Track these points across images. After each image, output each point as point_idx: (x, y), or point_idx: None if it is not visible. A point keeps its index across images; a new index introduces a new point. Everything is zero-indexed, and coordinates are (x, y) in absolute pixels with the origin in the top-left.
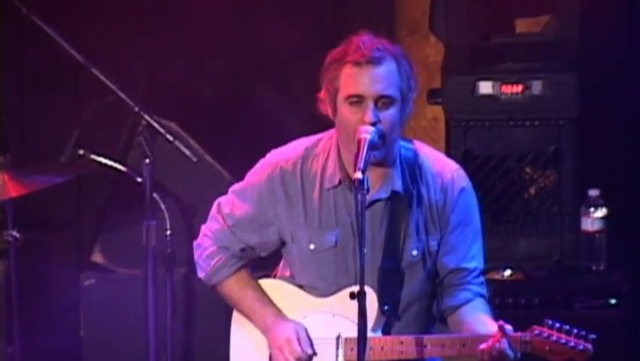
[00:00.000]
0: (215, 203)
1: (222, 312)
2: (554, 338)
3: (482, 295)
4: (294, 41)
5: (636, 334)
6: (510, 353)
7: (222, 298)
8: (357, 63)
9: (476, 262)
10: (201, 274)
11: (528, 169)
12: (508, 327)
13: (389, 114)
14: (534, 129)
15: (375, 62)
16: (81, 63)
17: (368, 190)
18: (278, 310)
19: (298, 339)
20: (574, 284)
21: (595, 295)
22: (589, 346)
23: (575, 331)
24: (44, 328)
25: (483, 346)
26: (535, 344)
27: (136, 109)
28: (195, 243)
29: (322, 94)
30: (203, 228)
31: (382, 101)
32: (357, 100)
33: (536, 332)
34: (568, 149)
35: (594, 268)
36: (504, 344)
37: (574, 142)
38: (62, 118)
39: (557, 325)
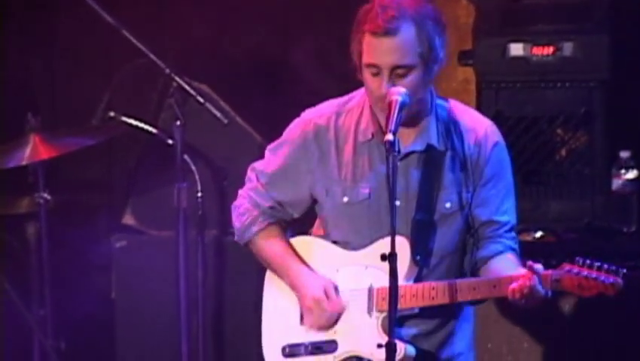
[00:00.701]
0: (250, 165)
1: (253, 274)
2: (584, 273)
3: (513, 249)
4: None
5: None
6: (540, 290)
7: (255, 258)
8: (373, 33)
9: (508, 217)
10: (237, 235)
11: (559, 131)
12: (538, 266)
13: (408, 81)
14: (565, 91)
15: (390, 32)
16: (113, 25)
17: (399, 152)
18: (308, 268)
19: (327, 298)
20: (604, 246)
21: (626, 257)
22: (619, 279)
23: (606, 266)
24: (75, 290)
25: (513, 285)
26: (565, 282)
27: (167, 71)
28: (232, 205)
29: (352, 52)
30: (240, 191)
31: (398, 72)
32: (375, 70)
33: (566, 269)
34: (599, 110)
35: (625, 229)
36: (535, 281)
37: (605, 104)
38: (93, 81)
39: (587, 261)
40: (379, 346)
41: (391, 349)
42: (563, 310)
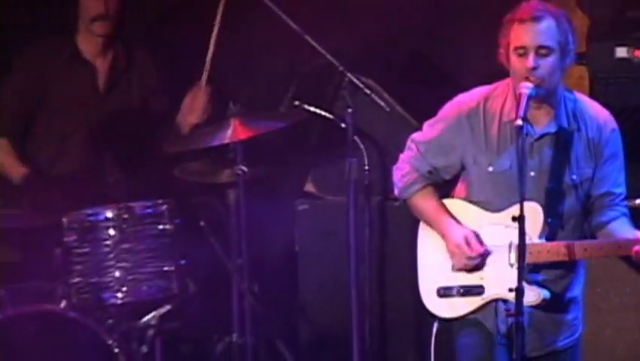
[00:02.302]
0: (410, 137)
1: (409, 232)
2: None
3: (625, 215)
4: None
5: None
6: None
7: (412, 212)
8: (521, 20)
9: (622, 189)
10: (396, 191)
11: None
12: None
13: (548, 61)
14: None
15: (535, 19)
16: (297, 32)
17: (527, 134)
18: (456, 220)
19: (467, 243)
20: None
21: None
22: None
23: None
24: (266, 244)
25: (637, 247)
26: None
27: (341, 68)
28: (394, 167)
29: (500, 47)
30: (401, 155)
31: (541, 52)
32: (522, 50)
33: None
34: None
35: None
36: None
37: None
38: (280, 75)
39: None
40: (518, 289)
41: (519, 293)
42: None
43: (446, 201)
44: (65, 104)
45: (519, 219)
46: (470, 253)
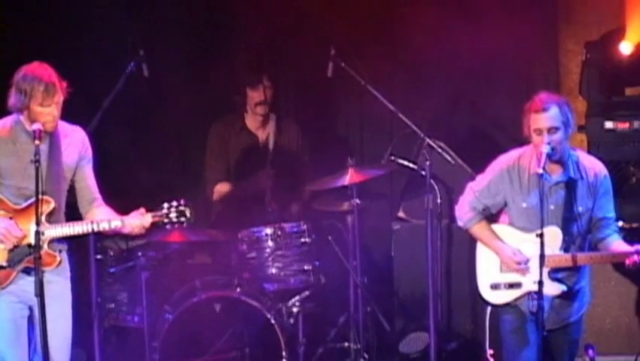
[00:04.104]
0: (468, 185)
1: (467, 241)
2: None
3: (617, 232)
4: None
5: None
6: None
7: (471, 236)
8: (536, 111)
9: (613, 214)
10: (460, 223)
11: (632, 168)
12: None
13: (557, 136)
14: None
15: (545, 110)
16: (392, 110)
17: (546, 181)
18: (502, 241)
19: (516, 255)
20: None
21: None
22: None
23: None
24: (372, 251)
25: (632, 258)
26: None
27: (422, 135)
28: (456, 206)
29: (524, 126)
30: (461, 197)
31: (551, 131)
32: (538, 131)
33: None
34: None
35: None
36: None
37: None
38: (381, 140)
39: None
40: (540, 283)
41: (541, 285)
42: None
43: (495, 227)
44: (239, 159)
45: (541, 236)
46: (516, 262)
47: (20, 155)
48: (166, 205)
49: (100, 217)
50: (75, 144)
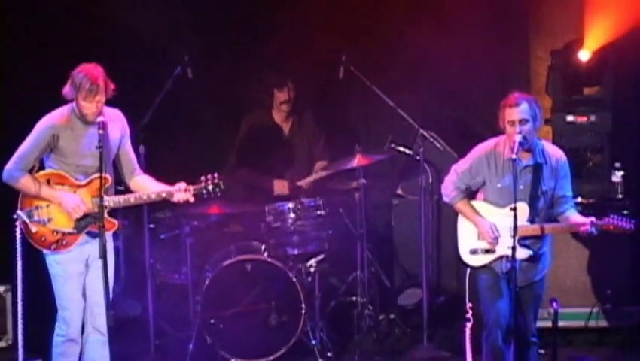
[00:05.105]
0: (452, 167)
1: (452, 216)
2: (611, 221)
3: (573, 207)
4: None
5: None
6: (594, 231)
7: (453, 210)
8: (510, 106)
9: (571, 193)
10: (445, 199)
11: (588, 153)
12: (592, 219)
13: (526, 127)
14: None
15: (517, 104)
16: (393, 106)
17: (517, 165)
18: (480, 215)
19: (490, 229)
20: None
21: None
22: (632, 225)
23: (623, 217)
24: (375, 222)
25: (584, 228)
26: (604, 226)
27: (416, 127)
28: (442, 185)
29: (499, 119)
30: (446, 177)
31: (522, 122)
32: (512, 122)
33: (605, 219)
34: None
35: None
36: (592, 227)
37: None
38: (383, 131)
39: (613, 215)
40: (513, 248)
41: (514, 250)
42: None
43: (473, 203)
44: (267, 146)
45: (514, 210)
46: (491, 235)
47: (77, 139)
48: (203, 178)
49: (143, 184)
50: (117, 126)
